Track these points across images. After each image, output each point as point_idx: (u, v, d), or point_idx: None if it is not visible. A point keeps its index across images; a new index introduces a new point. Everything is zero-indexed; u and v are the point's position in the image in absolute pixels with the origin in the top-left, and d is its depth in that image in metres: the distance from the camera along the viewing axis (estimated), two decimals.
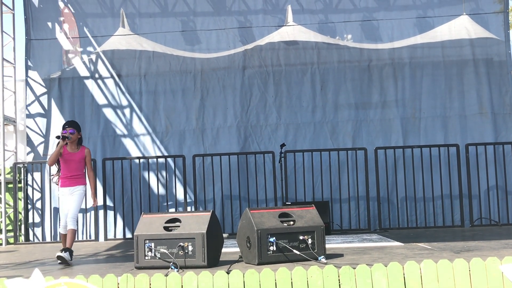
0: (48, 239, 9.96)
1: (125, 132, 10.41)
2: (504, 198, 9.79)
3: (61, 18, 10.65)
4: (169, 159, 10.09)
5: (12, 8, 10.59)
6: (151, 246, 5.48)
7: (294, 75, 10.46)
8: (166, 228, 5.59)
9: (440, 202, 9.76)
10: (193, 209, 9.77)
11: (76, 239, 9.81)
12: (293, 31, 10.52)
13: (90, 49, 10.61)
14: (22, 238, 10.07)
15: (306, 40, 10.50)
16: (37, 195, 10.15)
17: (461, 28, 10.40)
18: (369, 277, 4.27)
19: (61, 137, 6.55)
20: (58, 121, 10.39)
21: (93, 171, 7.03)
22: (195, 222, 5.55)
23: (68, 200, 6.64)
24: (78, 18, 10.65)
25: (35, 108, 10.45)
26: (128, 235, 9.82)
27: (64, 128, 6.72)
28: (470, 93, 10.30)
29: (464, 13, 10.37)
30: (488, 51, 10.41)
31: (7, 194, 10.10)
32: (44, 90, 10.49)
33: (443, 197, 9.74)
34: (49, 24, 10.59)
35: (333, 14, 10.59)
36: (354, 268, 4.30)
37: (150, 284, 4.34)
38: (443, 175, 9.78)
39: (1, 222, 9.78)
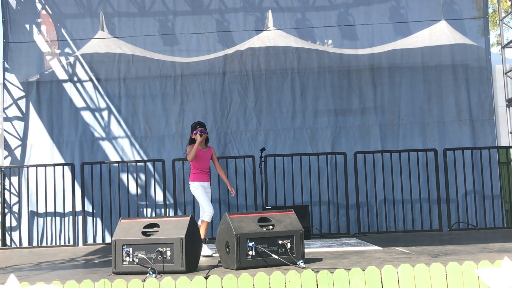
0: (25, 244, 9.84)
1: (104, 136, 10.34)
2: (481, 202, 9.88)
3: (39, 20, 10.54)
4: (149, 164, 10.04)
5: None
6: (129, 251, 5.44)
7: (274, 81, 10.47)
8: (144, 233, 5.55)
9: (418, 207, 9.83)
10: (172, 214, 9.72)
11: (54, 244, 9.79)
12: (273, 36, 10.54)
13: (68, 50, 10.51)
14: None
15: (286, 45, 10.52)
16: (14, 199, 10.03)
17: (440, 33, 10.49)
18: (347, 281, 4.28)
19: (198, 134, 7.04)
20: (36, 125, 10.30)
21: (220, 165, 7.54)
22: (173, 227, 5.52)
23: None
24: (55, 19, 10.55)
25: (13, 112, 10.33)
26: (107, 240, 9.73)
27: (195, 128, 7.13)
28: (448, 99, 10.39)
29: (443, 19, 10.46)
30: (467, 57, 10.50)
31: None
32: (22, 93, 10.38)
33: (421, 201, 9.82)
34: (27, 26, 10.48)
35: (310, 12, 10.60)
36: (332, 273, 4.30)
37: None
38: (421, 179, 9.86)
39: None
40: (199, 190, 7.12)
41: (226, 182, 7.41)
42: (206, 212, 6.99)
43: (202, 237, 6.83)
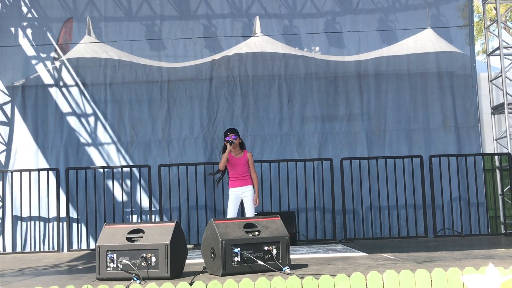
0: (8, 249, 9.74)
1: (89, 141, 10.28)
2: (466, 209, 9.94)
3: (24, 23, 10.46)
4: (134, 169, 9.99)
5: None
6: (113, 257, 5.38)
7: (261, 87, 10.48)
8: (129, 239, 5.50)
9: (404, 213, 9.87)
10: (158, 220, 9.67)
11: (38, 250, 9.70)
12: (261, 42, 10.55)
13: (54, 55, 10.44)
14: None
15: (273, 51, 10.54)
16: None
17: (426, 41, 10.56)
18: (332, 287, 4.27)
19: (229, 142, 7.16)
20: (21, 129, 10.22)
21: (255, 173, 7.44)
22: (158, 233, 5.48)
23: (244, 201, 7.28)
24: (41, 23, 10.48)
25: None
26: (92, 246, 9.65)
27: (226, 135, 7.25)
28: (434, 106, 10.45)
29: (429, 27, 10.54)
30: (452, 64, 10.57)
31: None
32: (7, 98, 10.30)
33: (407, 207, 9.85)
34: (12, 30, 10.41)
35: (298, 19, 10.64)
36: (318, 279, 4.29)
37: None
38: (407, 186, 9.89)
39: None
40: (230, 198, 7.31)
41: (255, 190, 7.37)
42: None
43: None
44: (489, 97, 10.55)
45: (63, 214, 9.64)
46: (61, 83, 10.39)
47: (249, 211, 7.28)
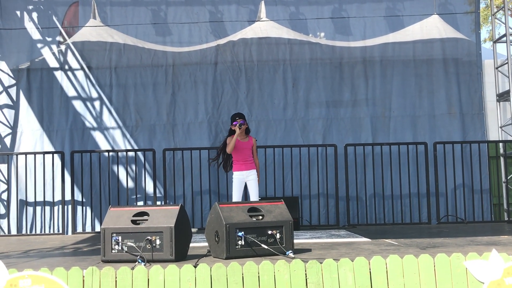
0: (13, 231, 9.81)
1: (95, 125, 10.29)
2: (470, 196, 9.95)
3: (30, 7, 10.44)
4: (139, 153, 10.01)
5: None
6: (118, 240, 5.43)
7: (266, 72, 10.46)
8: (133, 222, 5.54)
9: (407, 199, 9.88)
10: (162, 203, 9.71)
11: (43, 232, 9.77)
12: (266, 27, 10.51)
13: (59, 38, 10.43)
14: None
15: (279, 36, 10.50)
16: (3, 187, 9.99)
17: (432, 27, 10.50)
18: (335, 271, 4.29)
19: (238, 126, 7.22)
20: (26, 112, 10.24)
21: (257, 159, 7.64)
22: (163, 216, 5.52)
23: (249, 185, 7.38)
24: (47, 6, 10.45)
25: (3, 99, 10.26)
26: (97, 229, 9.72)
27: (234, 119, 7.31)
28: (439, 92, 10.42)
29: (435, 13, 10.48)
30: (458, 51, 10.53)
31: None
32: (13, 81, 10.31)
33: (410, 194, 9.86)
34: (18, 13, 10.39)
35: (304, 6, 10.59)
36: (321, 263, 4.32)
37: (116, 277, 4.30)
38: (411, 173, 9.90)
39: None
40: (234, 182, 7.38)
41: (257, 175, 7.51)
42: None
43: None
44: (494, 84, 10.51)
45: (68, 197, 9.68)
46: (66, 67, 10.38)
47: (254, 195, 7.38)
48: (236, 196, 7.34)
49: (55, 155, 9.80)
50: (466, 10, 10.64)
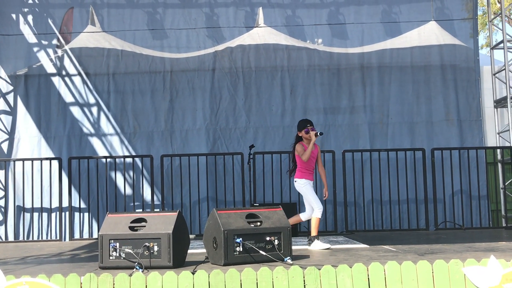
0: (11, 238, 9.78)
1: (92, 131, 10.28)
2: (468, 202, 9.94)
3: (25, 9, 10.43)
4: (137, 159, 10.00)
5: None
6: (116, 246, 5.40)
7: (264, 78, 10.47)
8: (131, 228, 5.52)
9: (405, 206, 9.88)
10: (160, 210, 9.69)
11: (40, 239, 9.74)
12: (264, 33, 10.54)
13: (56, 42, 10.42)
14: None
15: (276, 43, 10.52)
16: (0, 193, 9.97)
17: (430, 34, 10.54)
18: (333, 278, 4.28)
19: (316, 133, 6.99)
20: (24, 119, 10.24)
21: (323, 166, 7.44)
22: (161, 222, 5.50)
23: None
24: (42, 9, 10.45)
25: (1, 106, 10.29)
26: (95, 235, 9.69)
27: (305, 126, 7.08)
28: (437, 99, 10.44)
29: (433, 20, 10.51)
30: (456, 57, 10.56)
31: None
32: (10, 87, 10.31)
33: (408, 200, 9.86)
34: (14, 16, 10.38)
35: (301, 9, 10.61)
36: (319, 269, 4.31)
37: (113, 284, 4.28)
38: (409, 179, 9.90)
39: None
40: (308, 187, 7.05)
41: (324, 183, 7.28)
42: (317, 209, 6.95)
43: (315, 233, 6.93)
44: (492, 91, 10.52)
45: (65, 203, 9.66)
46: (63, 73, 10.38)
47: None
48: (316, 198, 7.01)
49: (53, 161, 9.78)
50: (464, 17, 10.67)
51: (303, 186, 7.06)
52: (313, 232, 6.99)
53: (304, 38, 10.64)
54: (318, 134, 7.01)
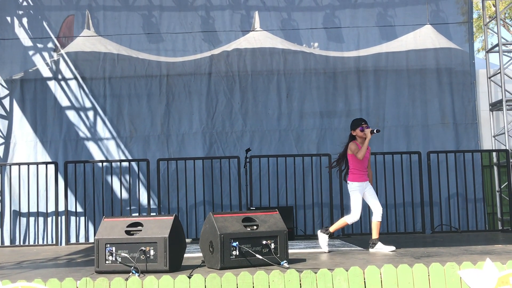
0: (7, 242, 9.75)
1: (88, 135, 10.27)
2: (464, 205, 9.96)
3: (20, 12, 10.42)
4: (133, 164, 9.99)
5: None
6: (112, 250, 5.40)
7: (260, 82, 10.48)
8: (127, 232, 5.52)
9: (401, 209, 9.89)
10: (156, 214, 9.68)
11: (36, 243, 9.72)
12: (260, 37, 10.55)
13: (51, 45, 10.41)
14: None
15: (272, 46, 10.54)
16: None
17: (425, 37, 10.57)
18: (330, 281, 4.29)
19: (372, 131, 6.82)
20: (20, 123, 10.22)
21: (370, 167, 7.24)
22: (157, 226, 5.50)
23: (369, 194, 6.92)
24: (36, 11, 10.44)
25: None
26: (91, 240, 9.68)
27: (359, 124, 6.92)
28: (432, 102, 10.46)
29: (429, 23, 10.55)
30: (451, 61, 10.59)
31: None
32: (6, 91, 10.30)
33: (404, 203, 9.87)
34: (9, 19, 10.36)
35: (297, 12, 10.63)
36: (316, 273, 4.32)
37: None
38: (405, 182, 9.91)
39: None
40: (357, 193, 6.87)
41: (370, 183, 7.07)
42: (352, 217, 6.85)
43: (376, 236, 6.83)
44: (487, 94, 10.56)
45: (61, 207, 9.64)
46: (59, 77, 10.38)
47: (375, 199, 6.97)
48: (359, 207, 6.84)
49: (49, 166, 9.76)
50: (459, 20, 10.71)
51: (353, 190, 6.91)
52: (374, 235, 6.87)
53: (300, 42, 10.66)
54: (375, 131, 6.85)
